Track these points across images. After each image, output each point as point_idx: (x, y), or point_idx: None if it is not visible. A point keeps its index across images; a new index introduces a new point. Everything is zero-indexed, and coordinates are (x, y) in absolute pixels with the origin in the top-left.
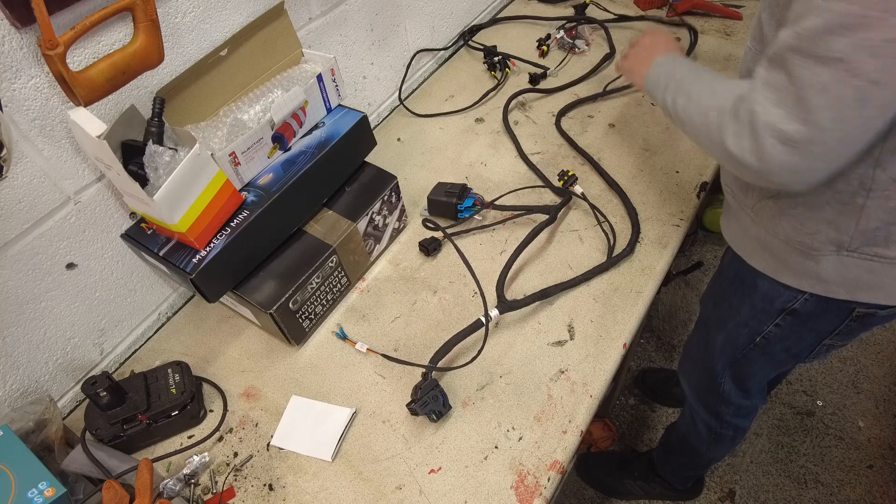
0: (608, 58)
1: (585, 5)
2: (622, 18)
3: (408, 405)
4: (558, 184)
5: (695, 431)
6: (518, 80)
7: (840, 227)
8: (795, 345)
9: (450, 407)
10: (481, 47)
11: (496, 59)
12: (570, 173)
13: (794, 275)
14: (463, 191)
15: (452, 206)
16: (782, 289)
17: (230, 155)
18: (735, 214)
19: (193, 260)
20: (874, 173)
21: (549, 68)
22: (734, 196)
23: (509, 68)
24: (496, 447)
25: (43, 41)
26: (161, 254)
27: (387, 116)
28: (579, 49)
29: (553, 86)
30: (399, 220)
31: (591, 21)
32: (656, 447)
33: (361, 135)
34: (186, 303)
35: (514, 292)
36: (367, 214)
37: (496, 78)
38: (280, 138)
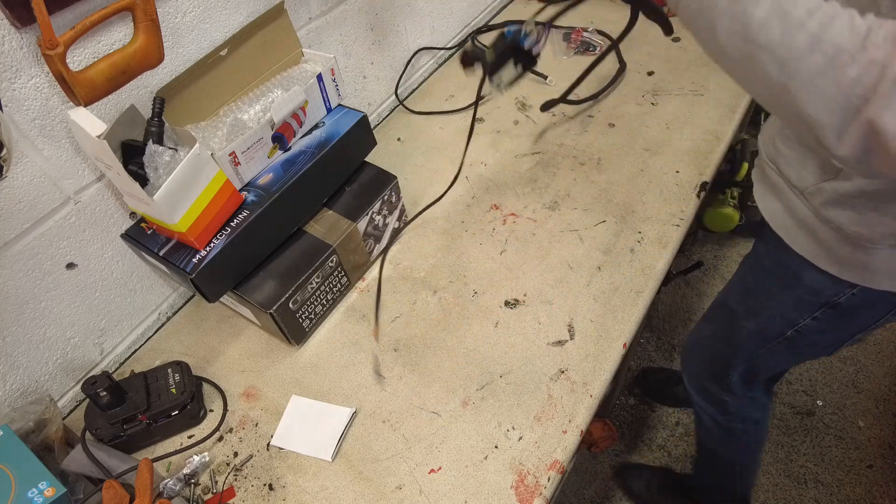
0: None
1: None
2: None
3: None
4: None
5: (704, 429)
6: (516, 87)
7: None
8: (824, 339)
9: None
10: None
11: None
12: None
13: (836, 263)
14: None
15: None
16: (829, 282)
17: (230, 155)
18: (780, 192)
19: (193, 260)
20: None
21: (547, 76)
22: (781, 175)
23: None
24: (496, 447)
25: (43, 41)
26: (161, 254)
27: (387, 116)
28: (594, 50)
29: (570, 98)
30: (399, 219)
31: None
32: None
33: (361, 135)
34: (186, 303)
35: (514, 292)
36: (367, 214)
37: None
38: (280, 138)
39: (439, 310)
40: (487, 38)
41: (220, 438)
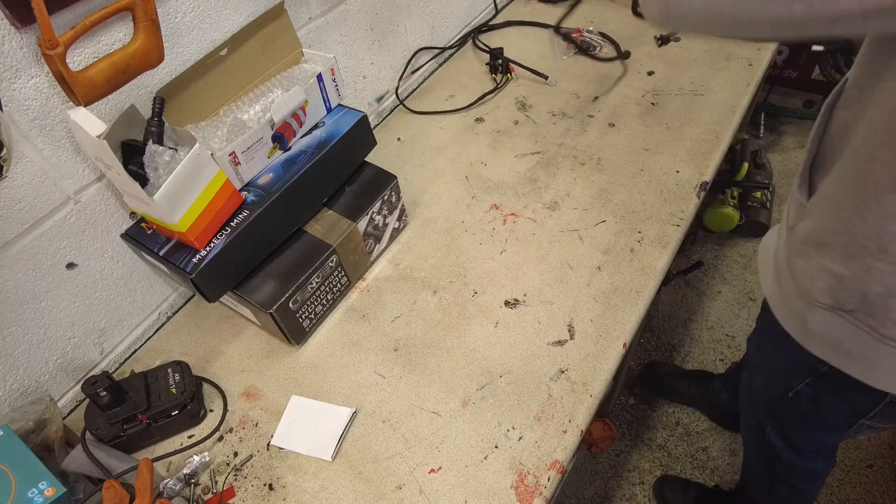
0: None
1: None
2: None
3: None
4: None
5: (748, 477)
6: (516, 86)
7: (843, 279)
8: (829, 412)
9: None
10: (487, 49)
11: (499, 61)
12: None
13: (784, 307)
14: None
15: None
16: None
17: (230, 155)
18: (780, 229)
19: (193, 260)
20: (894, 237)
21: (548, 76)
22: (786, 213)
23: (510, 74)
24: (496, 447)
25: (43, 41)
26: (161, 253)
27: (387, 116)
28: (594, 50)
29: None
30: (399, 219)
31: None
32: (735, 486)
33: (361, 134)
34: (186, 302)
35: (514, 292)
36: (367, 214)
37: (496, 81)
38: (280, 138)
39: (439, 310)
40: (488, 38)
41: (220, 438)
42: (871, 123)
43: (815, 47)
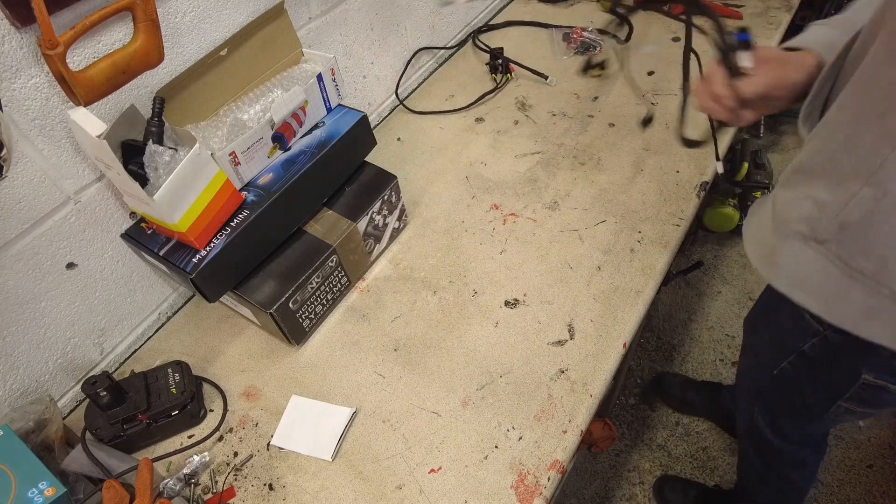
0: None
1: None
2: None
3: None
4: None
5: (744, 469)
6: (516, 87)
7: (825, 207)
8: (808, 393)
9: None
10: (487, 49)
11: (498, 61)
12: None
13: (755, 244)
14: None
15: None
16: (792, 324)
17: (230, 155)
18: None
19: (193, 260)
20: (886, 159)
21: (548, 76)
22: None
23: (510, 74)
24: (496, 447)
25: (43, 41)
26: (161, 253)
27: (387, 116)
28: (594, 50)
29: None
30: (399, 219)
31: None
32: (734, 486)
33: (361, 134)
34: (186, 302)
35: (514, 292)
36: (367, 214)
37: (496, 81)
38: (280, 138)
39: (439, 310)
40: (488, 38)
41: (220, 438)
42: (880, 45)
43: None
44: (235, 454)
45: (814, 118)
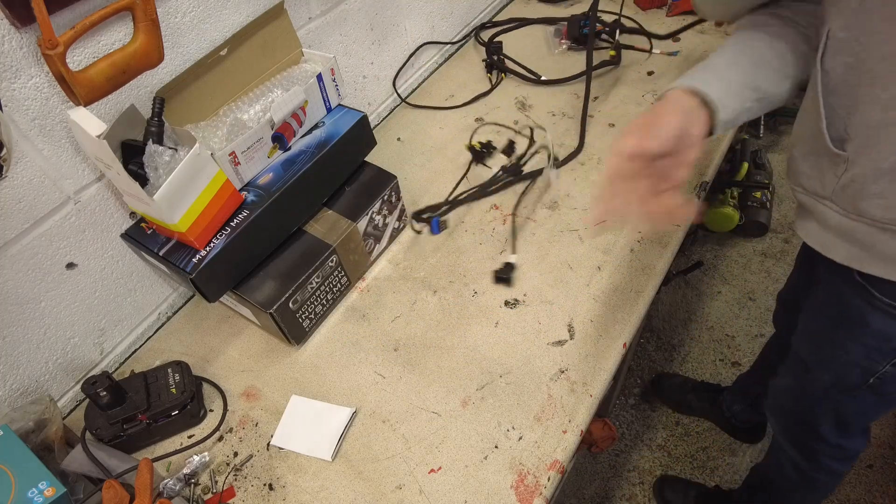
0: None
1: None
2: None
3: None
4: None
5: (782, 475)
6: (516, 87)
7: None
8: None
9: None
10: (485, 43)
11: (494, 58)
12: None
13: (881, 260)
14: None
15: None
16: (889, 325)
17: (230, 154)
18: (812, 209)
19: (193, 260)
20: None
21: (541, 75)
22: (807, 193)
23: (504, 74)
24: (496, 447)
25: (43, 41)
26: (161, 253)
27: (387, 116)
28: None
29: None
30: (399, 219)
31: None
32: (739, 487)
33: (361, 134)
34: (186, 302)
35: (514, 292)
36: (367, 214)
37: (490, 80)
38: (280, 138)
39: (439, 310)
40: (488, 36)
41: (220, 438)
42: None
43: None
44: (235, 454)
45: (827, 137)
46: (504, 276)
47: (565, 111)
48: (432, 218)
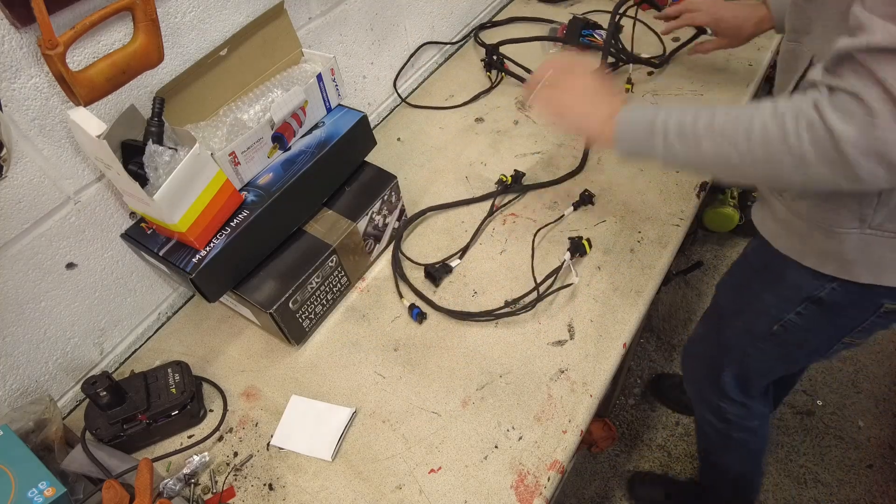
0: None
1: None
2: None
3: None
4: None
5: (708, 441)
6: (516, 86)
7: (862, 201)
8: (814, 338)
9: None
10: (484, 45)
11: (493, 57)
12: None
13: (817, 256)
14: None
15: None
16: (809, 276)
17: (230, 155)
18: (766, 200)
19: (193, 260)
20: None
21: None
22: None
23: (504, 73)
24: (496, 447)
25: (43, 41)
26: (161, 253)
27: (387, 116)
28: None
29: None
30: (399, 219)
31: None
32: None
33: (361, 134)
34: (186, 302)
35: (514, 292)
36: (367, 214)
37: (490, 79)
38: (280, 138)
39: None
40: (489, 36)
41: (220, 438)
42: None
43: None
44: (235, 454)
45: None
46: (436, 274)
47: None
48: (413, 308)
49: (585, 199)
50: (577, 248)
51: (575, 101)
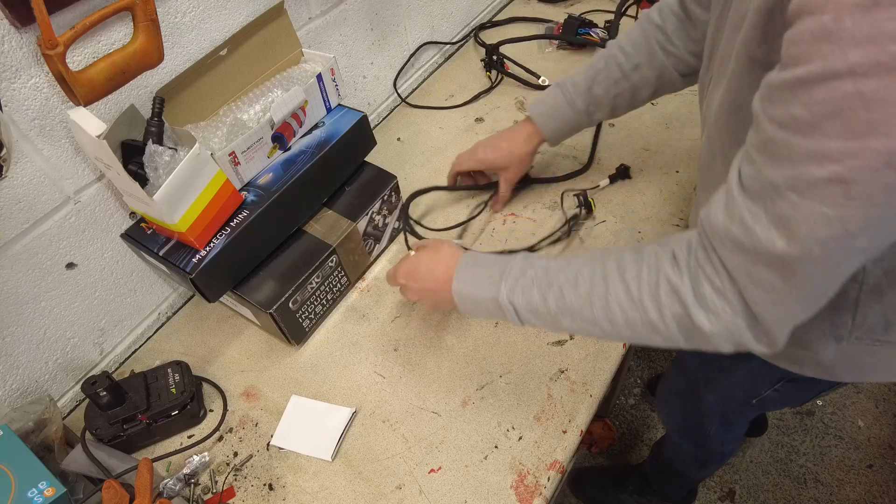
0: None
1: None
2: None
3: None
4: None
5: (681, 458)
6: (516, 86)
7: (836, 322)
8: (791, 401)
9: None
10: (484, 45)
11: (493, 57)
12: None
13: (793, 363)
14: None
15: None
16: (762, 368)
17: (230, 154)
18: None
19: (193, 260)
20: (864, 267)
21: (541, 76)
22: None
23: (504, 74)
24: (496, 447)
25: (43, 41)
26: (161, 253)
27: (387, 116)
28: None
29: None
30: (399, 219)
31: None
32: (646, 462)
33: (361, 134)
34: (186, 302)
35: None
36: (367, 214)
37: (490, 79)
38: (280, 138)
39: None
40: (489, 36)
41: (220, 438)
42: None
43: None
44: (235, 454)
45: None
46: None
47: None
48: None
49: (622, 173)
50: (585, 203)
51: (420, 274)
